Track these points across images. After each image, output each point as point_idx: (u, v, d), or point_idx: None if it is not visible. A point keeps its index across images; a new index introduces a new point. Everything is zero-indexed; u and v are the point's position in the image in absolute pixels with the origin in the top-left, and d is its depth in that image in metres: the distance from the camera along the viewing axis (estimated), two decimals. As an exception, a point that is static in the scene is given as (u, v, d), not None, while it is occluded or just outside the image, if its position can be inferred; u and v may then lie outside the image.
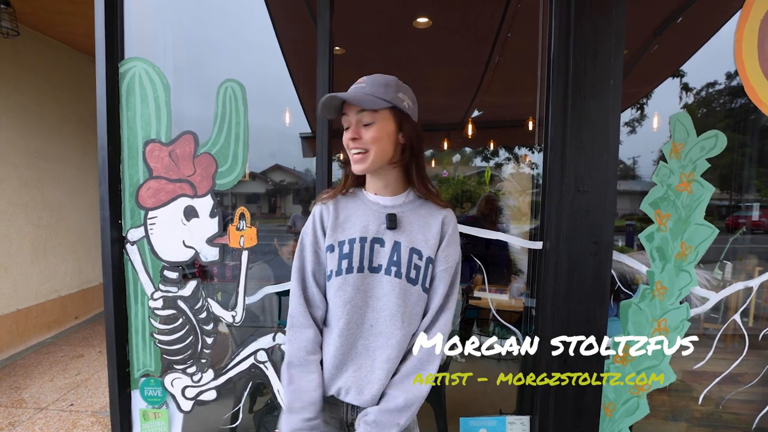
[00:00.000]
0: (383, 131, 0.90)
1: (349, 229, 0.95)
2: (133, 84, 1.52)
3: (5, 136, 3.15)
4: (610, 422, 1.48)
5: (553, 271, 1.38)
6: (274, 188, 2.64)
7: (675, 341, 1.44)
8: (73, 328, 3.78)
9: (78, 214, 3.86)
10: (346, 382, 0.92)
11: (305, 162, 2.67)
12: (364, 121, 0.90)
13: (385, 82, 0.92)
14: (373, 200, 0.98)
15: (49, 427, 2.26)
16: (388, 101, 0.89)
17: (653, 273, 1.44)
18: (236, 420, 1.65)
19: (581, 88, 1.33)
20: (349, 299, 0.92)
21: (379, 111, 0.90)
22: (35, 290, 3.43)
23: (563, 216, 1.36)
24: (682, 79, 2.70)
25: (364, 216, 0.96)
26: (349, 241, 0.93)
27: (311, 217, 1.00)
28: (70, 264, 3.79)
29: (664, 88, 2.75)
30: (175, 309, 1.55)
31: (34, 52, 3.39)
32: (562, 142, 1.36)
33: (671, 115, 1.41)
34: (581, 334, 1.40)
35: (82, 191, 3.88)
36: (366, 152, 0.91)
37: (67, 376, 2.85)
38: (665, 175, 1.42)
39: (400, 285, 0.91)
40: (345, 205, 0.99)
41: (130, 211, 1.55)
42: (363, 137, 0.90)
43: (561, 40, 1.34)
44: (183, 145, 1.50)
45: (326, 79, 1.43)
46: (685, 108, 2.72)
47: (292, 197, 2.82)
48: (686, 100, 2.70)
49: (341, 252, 0.93)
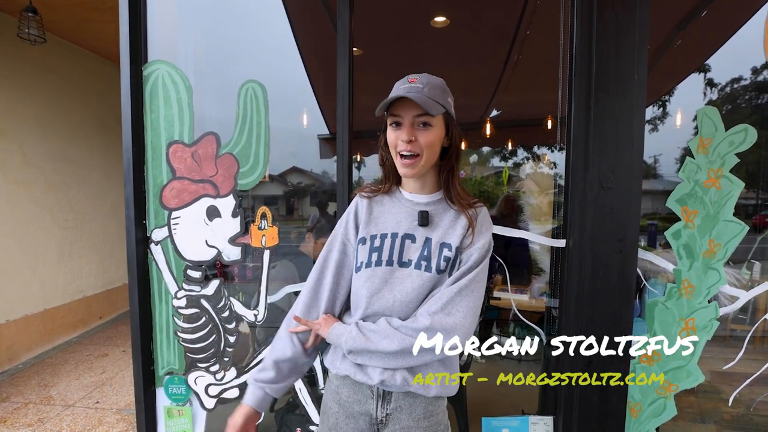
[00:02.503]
0: (437, 136, 0.91)
1: (382, 224, 0.98)
2: (156, 86, 1.55)
3: (33, 140, 3.26)
4: (636, 423, 1.45)
5: (576, 269, 1.36)
6: (292, 190, 2.67)
7: (703, 341, 1.42)
8: (97, 328, 3.88)
9: (101, 216, 3.97)
10: (380, 369, 0.91)
11: (322, 164, 2.69)
12: (422, 123, 0.90)
13: (441, 86, 0.92)
14: (407, 198, 0.99)
15: (76, 423, 2.31)
16: (443, 106, 0.89)
17: (680, 271, 1.41)
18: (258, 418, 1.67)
19: (604, 83, 1.31)
20: (375, 290, 0.92)
21: (436, 116, 0.90)
22: (62, 291, 3.53)
23: (587, 213, 1.34)
24: (706, 75, 2.62)
25: (398, 213, 0.98)
26: (381, 235, 0.96)
27: (348, 209, 1.04)
28: (94, 265, 3.90)
29: (687, 84, 2.68)
30: (199, 308, 1.58)
31: (61, 59, 3.50)
32: (585, 139, 1.34)
33: (698, 110, 1.38)
34: (606, 333, 1.36)
35: (105, 194, 3.98)
36: (418, 156, 0.90)
37: (92, 374, 2.92)
38: (692, 171, 1.39)
39: (430, 279, 0.91)
40: (380, 201, 1.02)
41: (154, 212, 1.58)
42: (419, 140, 0.90)
43: (583, 36, 1.32)
44: (205, 145, 1.52)
45: (346, 80, 1.44)
46: (710, 104, 2.64)
47: (309, 199, 2.85)
48: (710, 97, 2.63)
49: (372, 245, 0.95)
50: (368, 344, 0.88)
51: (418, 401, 0.92)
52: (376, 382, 0.90)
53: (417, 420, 0.92)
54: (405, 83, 0.91)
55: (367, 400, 0.94)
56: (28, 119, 3.22)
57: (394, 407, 0.92)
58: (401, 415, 0.92)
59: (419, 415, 0.92)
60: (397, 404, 0.92)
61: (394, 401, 0.92)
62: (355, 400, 0.95)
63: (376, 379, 0.90)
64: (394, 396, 0.93)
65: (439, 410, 0.96)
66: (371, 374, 0.91)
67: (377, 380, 0.90)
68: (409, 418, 0.92)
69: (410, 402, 0.92)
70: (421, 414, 0.92)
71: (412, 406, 0.92)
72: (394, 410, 0.93)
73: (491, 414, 1.51)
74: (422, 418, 0.93)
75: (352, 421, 0.95)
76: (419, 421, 0.92)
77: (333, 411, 0.98)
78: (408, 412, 0.92)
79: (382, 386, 0.92)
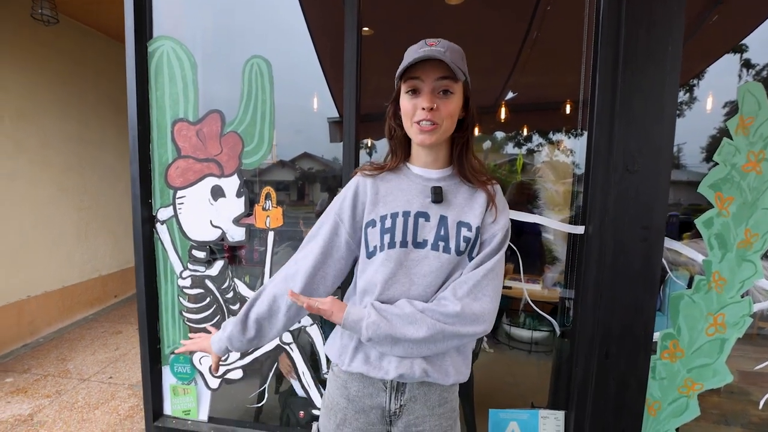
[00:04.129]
0: (457, 105, 0.85)
1: (391, 203, 0.89)
2: (161, 63, 1.51)
3: (50, 122, 3.31)
4: (654, 422, 1.37)
5: (595, 257, 1.27)
6: (302, 176, 2.62)
7: (733, 339, 1.31)
8: (112, 306, 3.98)
9: (116, 197, 4.03)
10: (397, 361, 0.85)
11: (333, 150, 2.62)
12: (443, 89, 0.83)
13: (460, 52, 0.85)
14: (417, 173, 0.92)
15: (91, 397, 2.39)
16: (464, 73, 0.84)
17: (710, 262, 1.30)
18: (262, 399, 1.66)
19: (634, 55, 1.20)
20: (390, 275, 0.85)
21: (458, 82, 0.84)
22: (79, 269, 3.62)
23: (609, 197, 1.25)
24: (742, 55, 2.43)
25: (408, 189, 0.90)
26: (391, 215, 0.87)
27: (345, 188, 0.95)
28: (109, 245, 3.98)
29: (718, 66, 2.48)
30: (203, 288, 1.56)
31: (74, 41, 3.52)
32: (610, 116, 1.23)
33: (740, 86, 1.25)
34: (626, 325, 1.29)
35: (119, 175, 4.03)
36: (437, 125, 0.83)
37: (107, 350, 3.00)
38: (729, 153, 1.27)
39: (449, 260, 0.85)
40: (385, 179, 0.93)
41: (160, 191, 1.56)
42: (440, 109, 0.82)
43: (611, 2, 1.21)
44: (210, 124, 1.48)
45: (354, 59, 1.37)
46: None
47: (319, 185, 2.80)
48: (746, 79, 2.44)
49: (383, 227, 0.87)
50: (392, 330, 0.80)
51: (433, 389, 0.89)
52: (394, 376, 0.84)
53: (431, 408, 0.89)
54: (423, 46, 0.83)
55: (379, 393, 0.89)
56: (44, 100, 3.26)
57: (408, 398, 0.88)
58: (416, 405, 0.89)
59: (434, 402, 0.89)
60: (412, 395, 0.88)
61: (408, 392, 0.88)
62: (366, 394, 0.90)
63: (392, 373, 0.84)
64: (408, 387, 0.88)
65: (452, 396, 0.93)
66: (387, 368, 0.85)
67: (394, 374, 0.84)
68: (423, 407, 0.89)
69: (425, 391, 0.88)
70: (435, 402, 0.89)
71: (427, 394, 0.89)
72: (408, 401, 0.88)
73: (497, 406, 1.45)
74: (437, 406, 0.90)
75: (363, 416, 0.90)
76: (434, 408, 0.89)
77: (341, 407, 0.92)
78: (423, 401, 0.89)
79: (400, 379, 0.86)
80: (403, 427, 0.90)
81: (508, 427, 1.42)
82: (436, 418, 0.89)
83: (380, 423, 0.91)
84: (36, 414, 2.20)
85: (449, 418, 0.92)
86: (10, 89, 2.97)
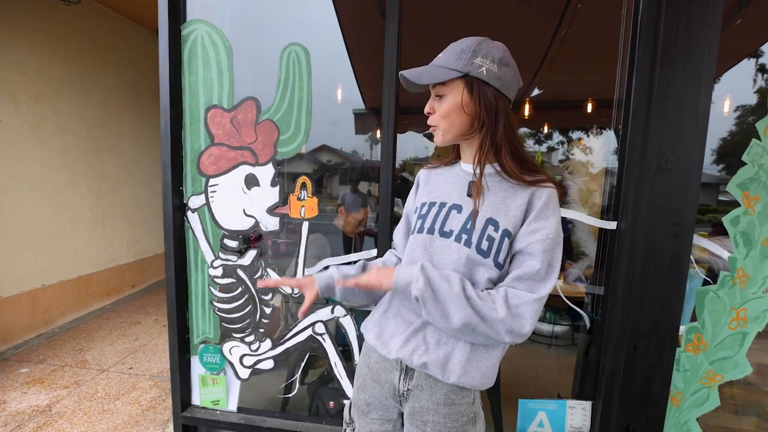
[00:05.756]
0: (450, 106, 0.86)
1: (435, 193, 0.97)
2: (195, 47, 1.51)
3: (67, 106, 3.26)
4: (677, 412, 1.42)
5: (627, 252, 1.31)
6: (321, 167, 2.63)
7: (754, 333, 1.36)
8: (130, 296, 3.96)
9: (134, 185, 3.99)
10: (399, 343, 0.90)
11: (352, 142, 2.64)
12: (437, 93, 0.89)
13: (461, 49, 0.85)
14: (463, 168, 0.96)
15: (111, 387, 2.39)
16: (457, 70, 0.83)
17: (735, 259, 1.34)
18: (291, 390, 1.68)
19: (672, 56, 1.22)
20: (414, 258, 0.91)
21: (448, 83, 0.85)
22: (95, 258, 3.60)
23: (642, 195, 1.28)
24: (758, 60, 2.46)
25: (452, 183, 0.95)
26: (429, 203, 0.95)
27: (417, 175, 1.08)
28: (127, 234, 3.94)
29: (739, 69, 2.51)
30: (235, 278, 1.58)
31: (94, 24, 3.47)
32: (646, 116, 1.26)
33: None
34: (654, 319, 1.33)
35: (137, 163, 3.99)
36: (435, 127, 0.91)
37: (126, 341, 3.00)
38: (758, 153, 1.30)
39: (468, 255, 0.84)
40: (440, 172, 1.01)
41: (191, 178, 1.56)
42: (435, 111, 0.90)
43: (651, 5, 1.23)
44: (245, 111, 1.49)
45: (395, 50, 1.38)
46: (758, 93, 2.48)
47: (338, 178, 2.81)
48: (760, 84, 2.47)
49: (420, 213, 0.96)
50: (434, 303, 0.81)
51: (439, 385, 0.88)
52: (393, 357, 0.90)
53: (436, 404, 0.89)
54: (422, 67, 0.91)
55: (392, 370, 0.93)
56: (61, 84, 3.21)
57: (415, 384, 0.90)
58: (422, 394, 0.90)
59: (439, 399, 0.88)
60: (419, 382, 0.90)
61: (416, 378, 0.90)
62: (382, 368, 0.95)
63: (393, 354, 0.89)
64: (416, 373, 0.90)
65: (462, 400, 0.89)
66: (390, 348, 0.90)
67: (394, 355, 0.89)
68: (429, 400, 0.89)
69: (431, 384, 0.89)
70: (441, 399, 0.88)
71: (433, 388, 0.89)
72: (415, 387, 0.90)
73: (522, 396, 1.48)
74: (442, 404, 0.88)
75: (378, 387, 0.96)
76: (438, 405, 0.88)
77: (363, 372, 1.00)
78: (429, 393, 0.89)
79: (401, 362, 0.91)
80: (409, 411, 0.92)
81: (537, 416, 1.46)
82: (441, 416, 0.88)
83: (392, 398, 0.95)
84: (54, 405, 2.19)
85: (456, 421, 0.89)
86: (27, 71, 2.90)
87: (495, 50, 0.85)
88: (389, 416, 0.97)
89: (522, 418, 1.47)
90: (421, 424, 0.90)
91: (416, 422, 0.91)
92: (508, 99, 0.88)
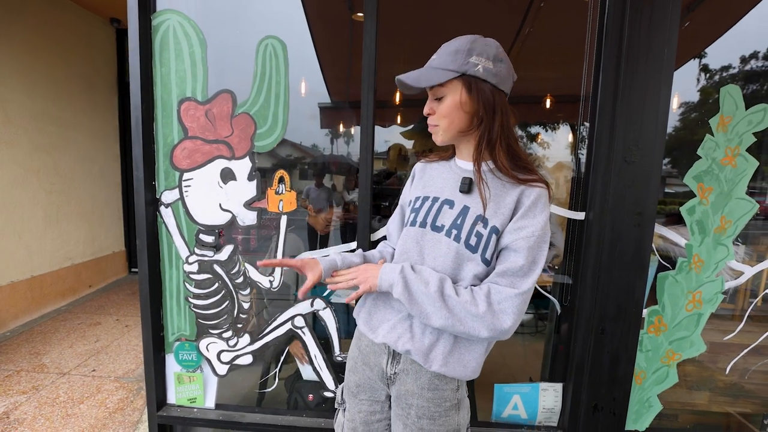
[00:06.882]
0: (449, 105, 0.88)
1: (429, 187, 0.99)
2: (167, 38, 1.46)
3: (15, 98, 3.05)
4: (639, 390, 1.52)
5: (595, 241, 1.38)
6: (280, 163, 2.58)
7: (707, 314, 1.48)
8: (87, 297, 3.77)
9: (90, 180, 3.79)
10: (386, 330, 0.94)
11: (312, 137, 2.60)
12: (436, 95, 0.90)
13: (455, 49, 0.86)
14: (458, 165, 0.98)
15: (74, 391, 2.27)
16: (454, 70, 0.85)
17: (691, 246, 1.45)
18: (271, 385, 1.67)
19: (635, 57, 1.30)
20: (406, 250, 0.95)
21: (446, 84, 0.87)
22: (49, 257, 3.40)
23: (609, 186, 1.35)
24: (701, 61, 2.63)
25: (446, 178, 0.97)
26: (423, 198, 0.98)
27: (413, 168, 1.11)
28: (83, 231, 3.75)
29: (685, 69, 2.68)
30: (211, 273, 1.54)
31: (43, 12, 3.26)
32: (612, 111, 1.34)
33: (721, 88, 1.39)
34: (620, 304, 1.42)
35: (93, 158, 3.79)
36: (435, 126, 0.93)
37: (86, 342, 2.86)
38: (711, 148, 1.41)
39: (456, 250, 0.87)
40: (435, 167, 1.03)
41: (164, 173, 1.51)
42: (435, 112, 0.92)
43: (617, 8, 1.31)
44: (220, 104, 1.46)
45: (373, 45, 1.39)
46: (700, 91, 2.67)
47: (299, 173, 2.75)
48: (702, 84, 2.65)
49: (413, 206, 0.99)
50: (413, 305, 0.86)
51: (423, 370, 0.92)
52: (379, 341, 0.94)
53: (421, 389, 0.92)
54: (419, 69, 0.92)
55: (381, 354, 0.97)
56: (8, 74, 2.99)
57: (402, 368, 0.94)
58: (407, 378, 0.93)
59: (423, 384, 0.92)
60: (405, 366, 0.94)
61: (402, 363, 0.94)
62: (372, 351, 0.98)
63: (379, 338, 0.94)
64: (402, 358, 0.94)
65: (446, 386, 0.92)
66: (377, 332, 0.95)
67: (381, 340, 0.94)
68: (414, 384, 0.93)
69: (416, 369, 0.92)
70: (425, 384, 0.92)
71: (418, 373, 0.92)
72: (401, 371, 0.94)
73: (492, 382, 1.54)
74: (426, 389, 0.92)
75: (368, 369, 0.99)
76: (423, 390, 0.92)
77: (354, 355, 1.04)
78: (414, 377, 0.93)
79: (387, 345, 0.95)
80: (396, 394, 0.96)
81: (512, 399, 1.52)
82: (425, 400, 0.91)
83: (380, 381, 0.98)
84: (12, 411, 2.07)
85: (439, 405, 0.92)
86: (-35, 57, 2.70)
87: (489, 47, 0.87)
88: (378, 398, 1.00)
89: (498, 401, 1.53)
90: (407, 407, 0.94)
91: (402, 404, 0.95)
92: (505, 93, 0.90)
